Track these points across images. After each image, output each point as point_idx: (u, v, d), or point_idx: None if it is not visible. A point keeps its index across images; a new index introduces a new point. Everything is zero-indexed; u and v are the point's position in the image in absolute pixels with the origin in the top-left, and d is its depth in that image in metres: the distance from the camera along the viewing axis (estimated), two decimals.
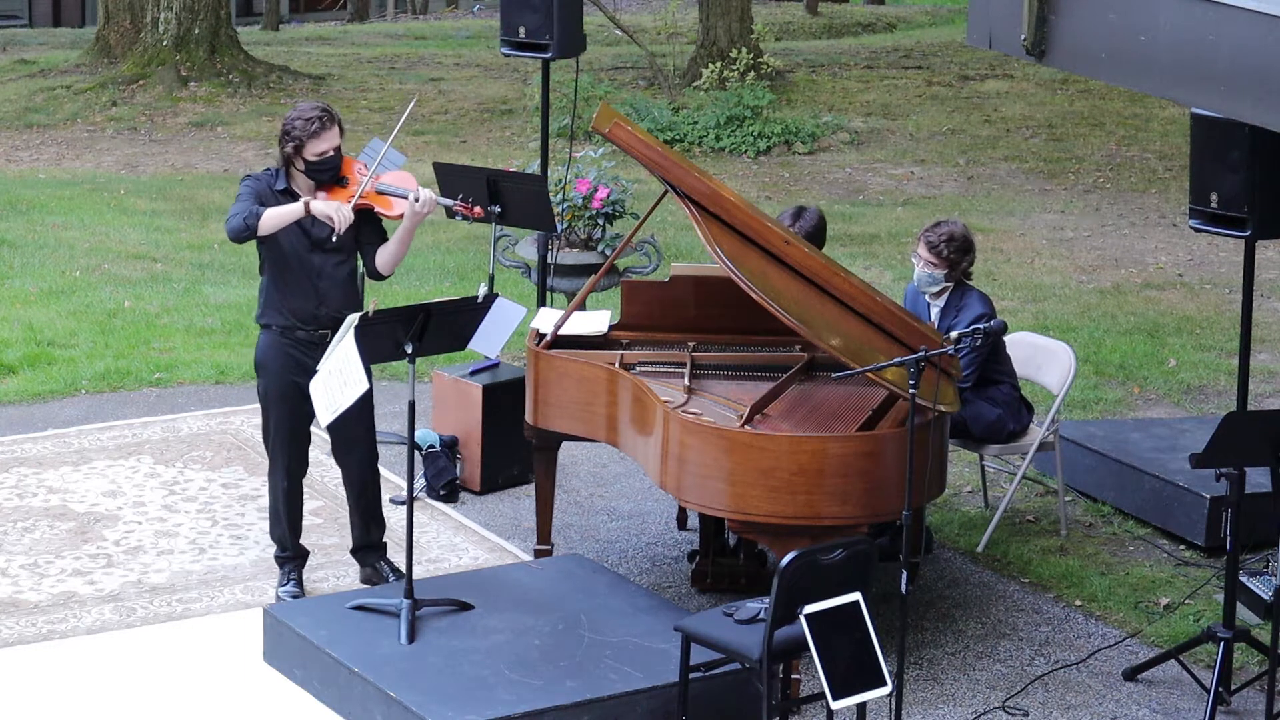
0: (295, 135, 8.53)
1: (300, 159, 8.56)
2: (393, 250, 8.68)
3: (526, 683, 7.71)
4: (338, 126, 8.59)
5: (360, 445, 8.83)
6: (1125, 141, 18.91)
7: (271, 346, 8.70)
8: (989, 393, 9.41)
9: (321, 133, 8.54)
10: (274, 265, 8.65)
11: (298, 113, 8.59)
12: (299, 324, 8.64)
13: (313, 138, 8.53)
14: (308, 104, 8.65)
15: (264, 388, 8.75)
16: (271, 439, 8.81)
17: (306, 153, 8.55)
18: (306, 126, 8.52)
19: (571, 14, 10.45)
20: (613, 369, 8.61)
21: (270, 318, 8.71)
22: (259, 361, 8.78)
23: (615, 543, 9.60)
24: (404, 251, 8.69)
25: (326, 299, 8.63)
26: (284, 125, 8.58)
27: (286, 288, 8.65)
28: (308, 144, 8.53)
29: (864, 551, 7.28)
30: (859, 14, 30.31)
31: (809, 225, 9.42)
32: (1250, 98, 6.93)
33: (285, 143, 8.56)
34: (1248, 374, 8.46)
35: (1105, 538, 9.77)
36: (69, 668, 8.30)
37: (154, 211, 15.98)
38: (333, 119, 8.58)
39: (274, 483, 8.87)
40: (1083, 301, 13.61)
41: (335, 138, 8.57)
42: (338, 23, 32.44)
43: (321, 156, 8.56)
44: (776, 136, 18.62)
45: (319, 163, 8.57)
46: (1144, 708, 8.20)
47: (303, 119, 8.53)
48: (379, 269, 8.72)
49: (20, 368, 11.82)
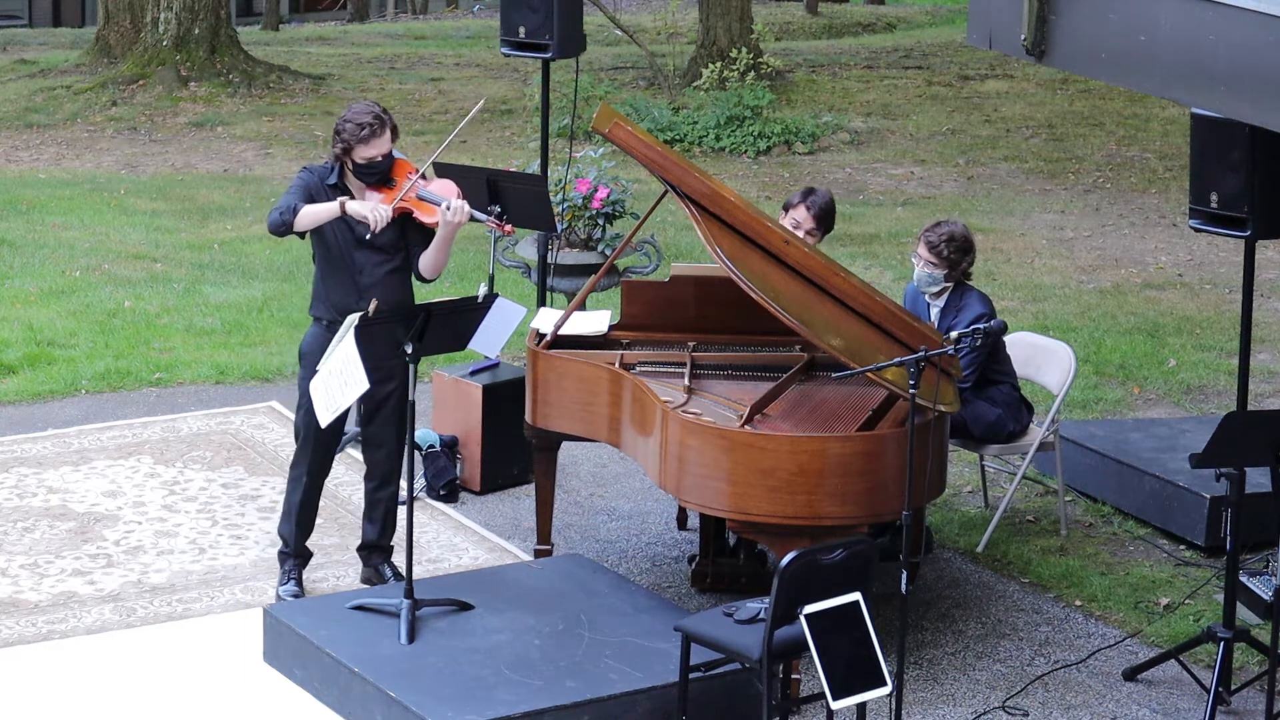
0: (345, 138, 8.58)
1: (349, 160, 8.59)
2: (432, 256, 8.71)
3: (526, 683, 7.71)
4: (389, 131, 8.61)
5: (391, 445, 8.82)
6: (1125, 141, 18.90)
7: (317, 339, 8.70)
8: (989, 393, 9.40)
9: (371, 139, 8.56)
10: (321, 259, 8.72)
11: (351, 115, 8.61)
12: (340, 318, 8.63)
13: (361, 143, 8.56)
14: (362, 106, 8.68)
15: (305, 379, 8.73)
16: (302, 433, 8.81)
17: (355, 156, 8.58)
18: (357, 132, 8.54)
19: (571, 14, 10.45)
20: (613, 369, 8.61)
21: (319, 310, 8.75)
22: (303, 351, 8.79)
23: (615, 543, 9.60)
24: (443, 258, 8.72)
25: (368, 295, 8.61)
26: (337, 125, 8.63)
27: (331, 281, 8.69)
28: (356, 148, 8.56)
29: (864, 551, 7.28)
30: (859, 14, 30.30)
31: (820, 205, 9.38)
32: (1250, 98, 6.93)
33: (336, 143, 8.61)
34: (1248, 374, 8.46)
35: (1105, 538, 9.77)
36: (69, 668, 8.30)
37: (154, 211, 15.97)
38: (384, 125, 8.59)
39: (295, 475, 8.85)
40: (1083, 301, 13.61)
41: (386, 144, 8.59)
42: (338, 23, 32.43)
43: (369, 161, 8.59)
44: (776, 136, 18.61)
45: (367, 166, 8.61)
46: (1144, 708, 8.20)
47: (354, 123, 8.56)
48: (422, 273, 8.77)
49: (20, 368, 11.82)
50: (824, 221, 9.35)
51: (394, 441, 8.84)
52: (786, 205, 9.41)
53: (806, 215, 9.30)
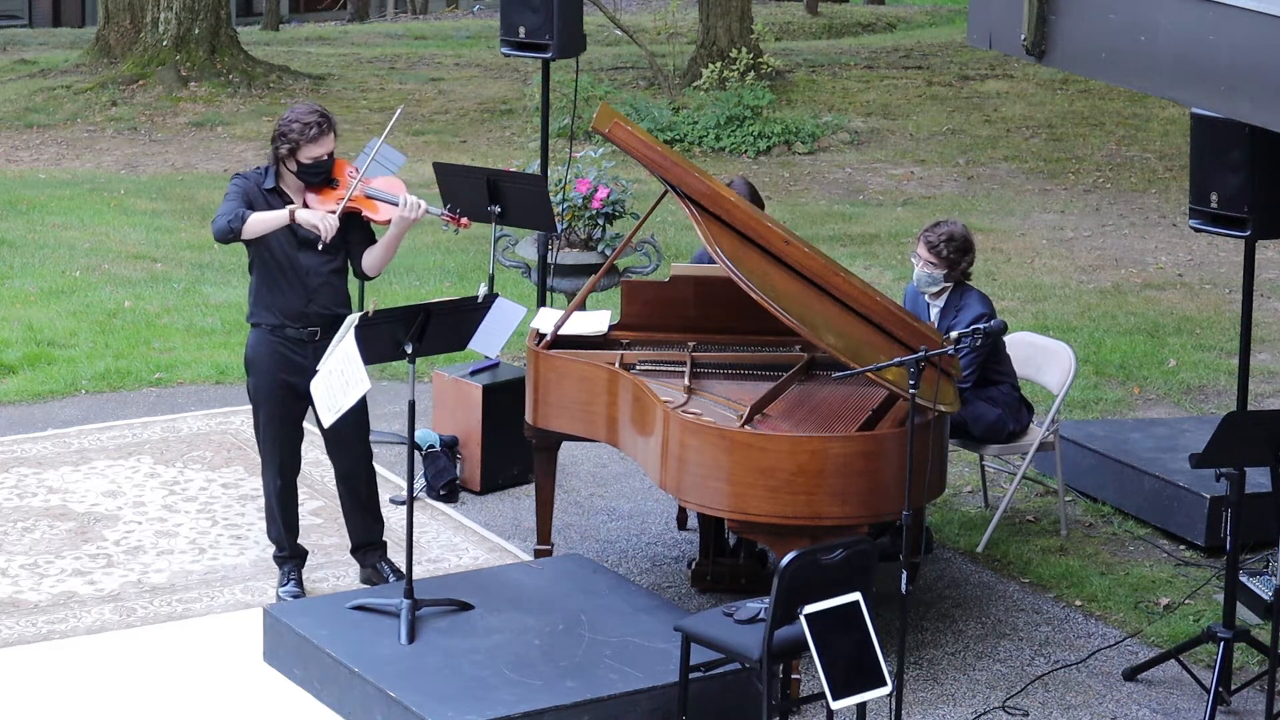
0: (292, 139, 8.54)
1: (293, 161, 8.57)
2: (379, 254, 8.70)
3: (526, 683, 7.71)
4: (334, 132, 8.60)
5: (353, 442, 8.82)
6: (1125, 141, 18.91)
7: (261, 344, 8.70)
8: (989, 393, 9.40)
9: (319, 138, 8.55)
10: (262, 264, 8.66)
11: (295, 115, 8.59)
12: (288, 322, 8.64)
13: (310, 143, 8.54)
14: (304, 107, 8.65)
15: (254, 386, 8.76)
16: (263, 437, 8.82)
17: (301, 156, 8.56)
18: (305, 131, 8.52)
19: (571, 14, 10.45)
20: (613, 369, 8.61)
21: (260, 316, 8.71)
22: (249, 359, 8.77)
23: (615, 543, 9.60)
24: (390, 256, 8.72)
25: (316, 296, 8.63)
26: (280, 127, 8.58)
27: (275, 286, 8.65)
28: (303, 148, 8.54)
29: (864, 551, 7.27)
30: (859, 14, 30.30)
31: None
32: (1250, 98, 6.93)
33: (280, 144, 8.57)
34: (1248, 374, 8.46)
35: (1105, 538, 9.77)
36: (69, 668, 8.30)
37: (154, 211, 15.98)
38: (330, 125, 8.60)
39: (267, 481, 8.87)
40: (1083, 301, 13.61)
41: (330, 143, 8.59)
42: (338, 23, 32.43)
43: (315, 160, 8.57)
44: (776, 136, 18.62)
45: (312, 166, 8.58)
46: (1144, 708, 8.20)
47: (300, 123, 8.53)
48: (365, 270, 8.75)
49: (20, 368, 11.82)
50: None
51: (357, 443, 8.83)
52: None
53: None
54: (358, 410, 8.58)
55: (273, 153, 8.62)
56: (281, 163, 8.60)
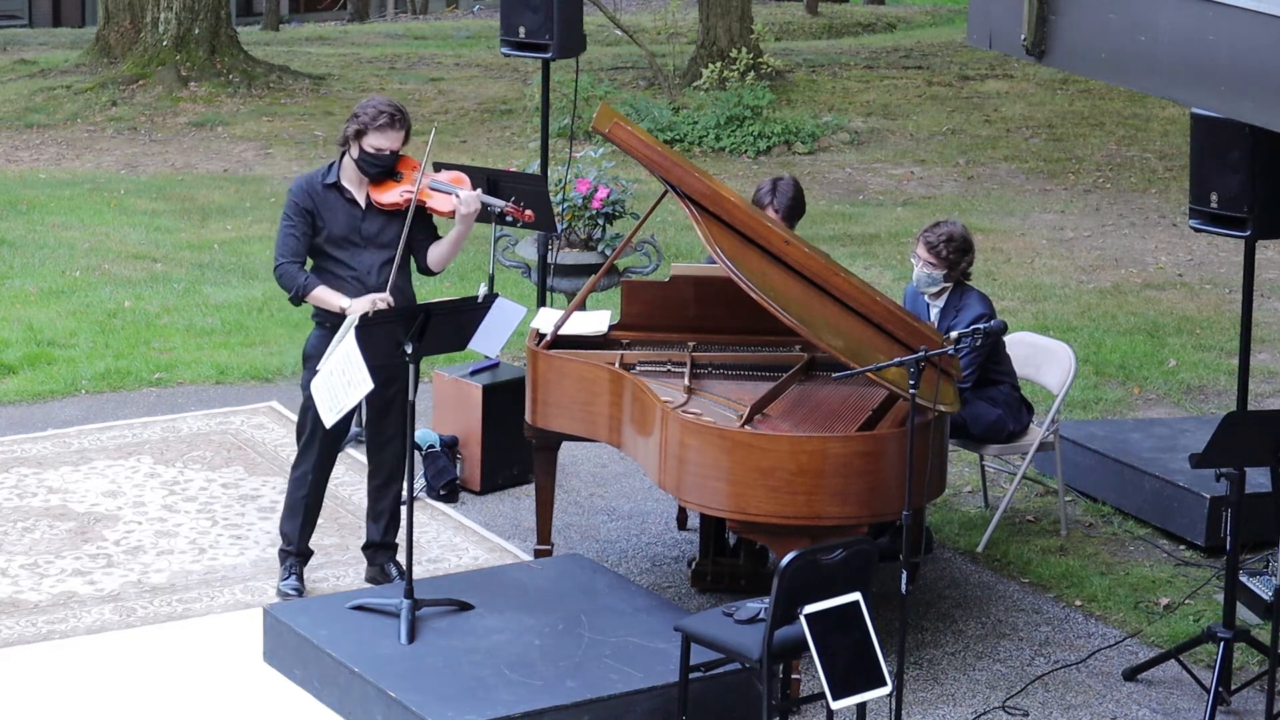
0: (362, 120, 8.60)
1: (357, 146, 8.59)
2: (445, 250, 8.74)
3: (526, 683, 7.71)
4: (405, 132, 8.63)
5: (396, 444, 8.82)
6: (1125, 141, 18.91)
7: (323, 342, 8.65)
8: (989, 393, 9.40)
9: (386, 130, 8.58)
10: (322, 262, 8.68)
11: (371, 101, 8.68)
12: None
13: (377, 131, 8.58)
14: (383, 98, 8.73)
15: (306, 380, 8.72)
16: (308, 432, 8.80)
17: (365, 142, 8.58)
18: (376, 117, 8.57)
19: (571, 14, 10.45)
20: (613, 369, 8.61)
21: (322, 314, 8.72)
22: (307, 354, 8.78)
23: (615, 543, 9.61)
24: (455, 251, 8.77)
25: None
26: (356, 109, 8.67)
27: (337, 284, 8.66)
28: (370, 133, 8.58)
29: (864, 551, 7.27)
30: (859, 14, 30.31)
31: (786, 202, 9.36)
32: (1250, 98, 6.93)
33: (351, 122, 8.62)
34: (1248, 374, 8.47)
35: (1105, 538, 9.77)
36: (69, 668, 8.30)
37: (154, 211, 15.97)
38: (402, 120, 8.63)
39: (299, 474, 8.85)
40: (1083, 301, 13.61)
41: (397, 140, 8.62)
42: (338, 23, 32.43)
43: (378, 151, 8.60)
44: (776, 136, 18.61)
45: (373, 156, 8.61)
46: (1144, 708, 8.20)
47: (374, 109, 8.61)
48: (430, 266, 8.79)
49: (20, 368, 11.82)
50: (794, 213, 9.34)
51: (400, 441, 8.84)
52: (756, 204, 9.36)
53: (777, 218, 9.26)
54: (402, 414, 8.54)
55: (341, 133, 8.67)
56: (347, 145, 8.63)
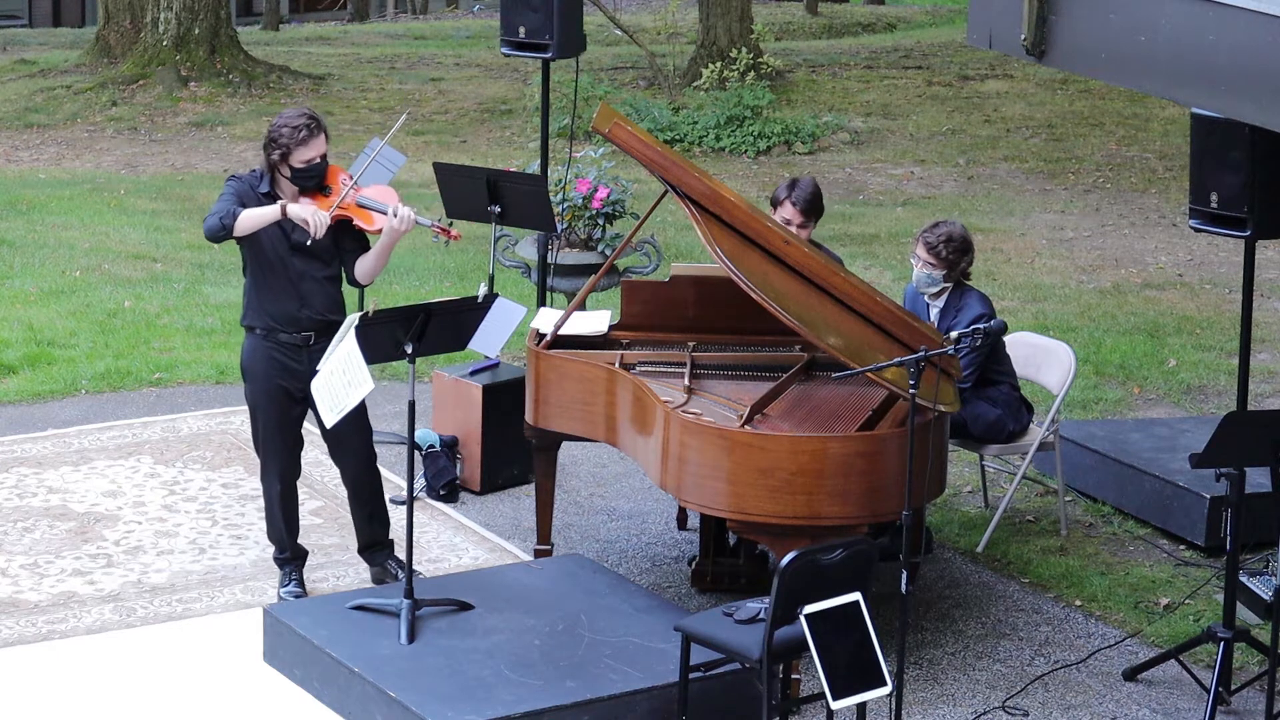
0: (283, 143, 8.54)
1: (286, 166, 8.57)
2: (372, 262, 8.70)
3: (526, 683, 7.71)
4: (324, 134, 8.60)
5: (355, 444, 8.82)
6: (1125, 141, 18.91)
7: (256, 350, 8.69)
8: (989, 393, 9.40)
9: (309, 140, 8.55)
10: (256, 268, 8.66)
11: (284, 120, 8.59)
12: (280, 326, 8.64)
13: (300, 145, 8.54)
14: (292, 111, 8.66)
15: (251, 393, 8.76)
16: (262, 443, 8.82)
17: (293, 160, 8.55)
18: (294, 134, 8.52)
19: (571, 14, 10.45)
20: (613, 369, 8.61)
21: (253, 320, 8.71)
22: (245, 366, 8.78)
23: (615, 543, 9.61)
24: (382, 264, 8.73)
25: (308, 302, 8.63)
26: (270, 133, 8.58)
27: (268, 290, 8.64)
28: (295, 151, 8.54)
29: (864, 551, 7.28)
30: (859, 14, 30.31)
31: (805, 198, 9.35)
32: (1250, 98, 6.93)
33: (271, 150, 8.57)
34: (1248, 374, 8.46)
35: (1105, 538, 9.77)
36: (69, 668, 8.30)
37: (154, 211, 15.98)
38: (320, 127, 8.60)
39: (267, 486, 8.87)
40: (1083, 301, 13.61)
41: (322, 145, 8.59)
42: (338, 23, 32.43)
43: (308, 163, 8.57)
44: (776, 136, 18.62)
45: (305, 169, 8.58)
46: (1144, 708, 8.20)
47: (290, 126, 8.54)
48: (358, 278, 8.76)
49: (20, 368, 11.82)
50: (812, 211, 9.33)
51: (361, 447, 8.83)
52: (774, 201, 9.38)
53: (794, 211, 9.27)
54: (357, 413, 8.58)
55: (265, 160, 8.62)
56: (275, 169, 8.60)
